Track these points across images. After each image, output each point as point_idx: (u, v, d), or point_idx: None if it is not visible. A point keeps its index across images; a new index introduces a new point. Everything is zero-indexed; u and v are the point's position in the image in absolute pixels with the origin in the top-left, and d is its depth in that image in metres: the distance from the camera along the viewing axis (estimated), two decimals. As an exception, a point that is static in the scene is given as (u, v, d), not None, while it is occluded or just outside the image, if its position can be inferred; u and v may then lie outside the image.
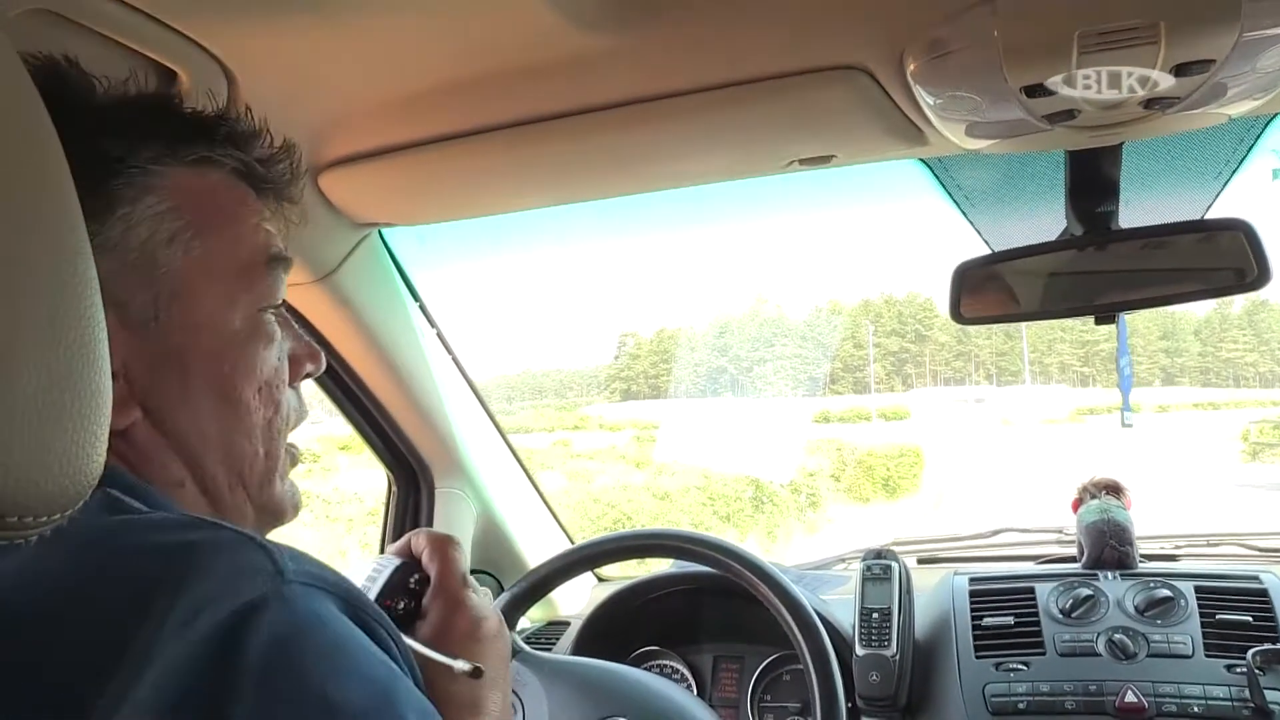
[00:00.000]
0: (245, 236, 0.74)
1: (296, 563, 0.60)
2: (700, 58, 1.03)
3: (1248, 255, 1.18)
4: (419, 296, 1.62)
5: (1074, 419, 38.75)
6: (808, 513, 13.39)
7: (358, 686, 0.58)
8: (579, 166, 1.25)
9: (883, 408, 41.08)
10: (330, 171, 1.23)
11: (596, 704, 1.32)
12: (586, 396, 58.76)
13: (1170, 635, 1.40)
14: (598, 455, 17.62)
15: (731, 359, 53.03)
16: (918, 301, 65.81)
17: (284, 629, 0.56)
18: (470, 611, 0.90)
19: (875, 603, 1.52)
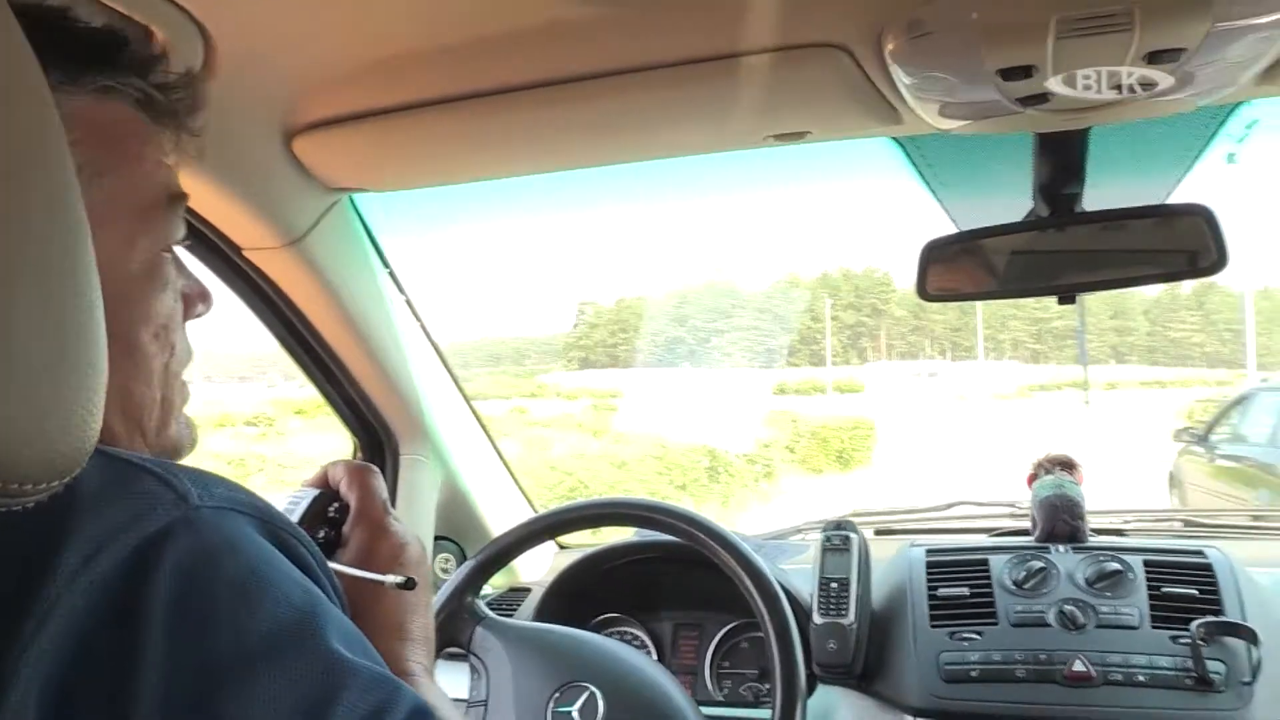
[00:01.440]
0: (147, 175, 0.70)
1: (203, 486, 0.57)
2: (680, 31, 1.03)
3: (1207, 240, 1.21)
4: (388, 263, 1.61)
5: (1024, 395, 39.35)
6: (762, 483, 13.54)
7: (275, 613, 0.55)
8: (556, 135, 1.25)
9: (838, 380, 41.40)
10: (305, 135, 1.22)
11: (560, 670, 1.33)
12: (544, 364, 58.58)
13: (1118, 607, 1.44)
14: (554, 423, 17.63)
15: (689, 329, 53.13)
16: (875, 276, 66.26)
17: (191, 559, 0.53)
18: (393, 536, 0.90)
19: (834, 572, 1.55)
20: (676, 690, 1.33)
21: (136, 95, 0.70)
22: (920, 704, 1.41)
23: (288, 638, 0.55)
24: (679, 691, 1.33)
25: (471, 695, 1.40)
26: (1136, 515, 2.03)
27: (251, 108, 1.17)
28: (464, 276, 54.79)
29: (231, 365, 21.78)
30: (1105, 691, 1.34)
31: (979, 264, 1.38)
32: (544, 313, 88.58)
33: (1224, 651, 1.35)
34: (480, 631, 1.41)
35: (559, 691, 1.30)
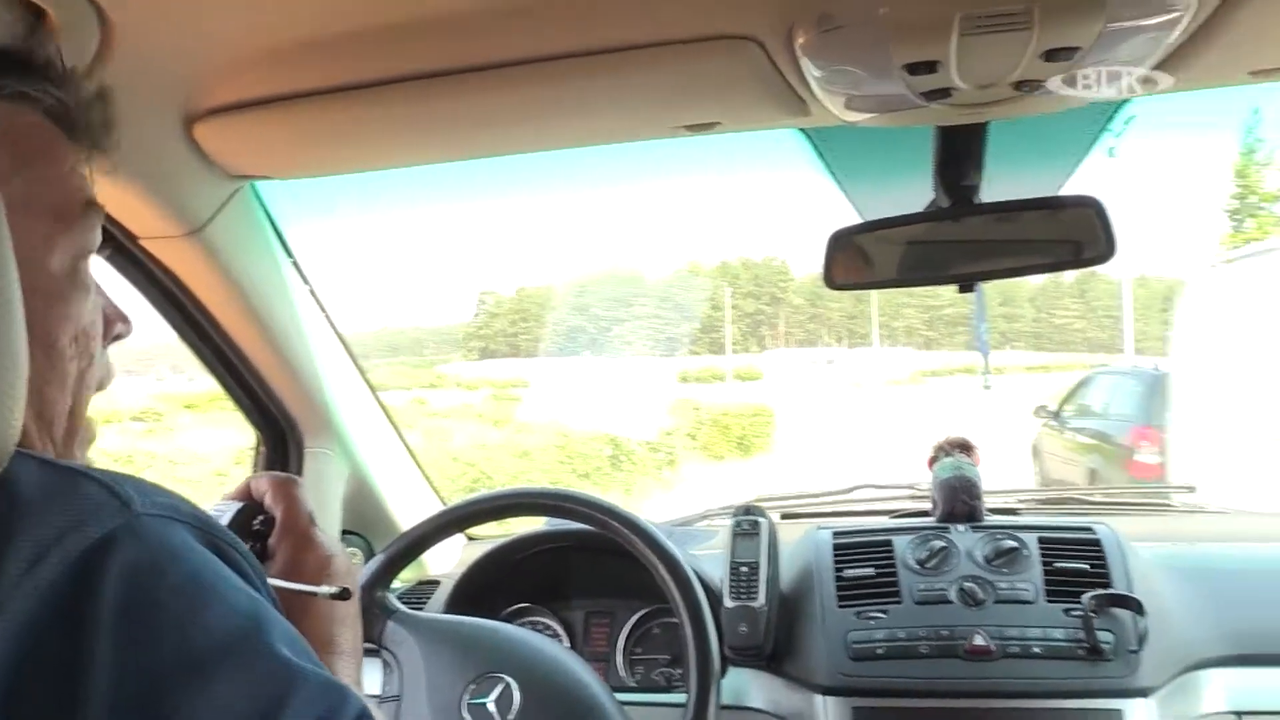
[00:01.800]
0: (62, 178, 0.70)
1: (144, 494, 0.57)
2: (594, 20, 1.03)
3: (1097, 230, 1.27)
4: (292, 252, 1.57)
5: (918, 380, 40.41)
6: (665, 470, 13.62)
7: (222, 619, 0.56)
8: (465, 124, 1.24)
9: (738, 368, 41.89)
10: (207, 120, 1.18)
11: (475, 661, 1.33)
12: (443, 354, 57.85)
13: (1015, 583, 1.50)
14: (455, 414, 17.43)
15: (590, 318, 53.08)
16: (774, 265, 67.20)
17: (137, 567, 0.53)
18: (320, 548, 0.90)
19: (744, 557, 1.57)
20: (592, 678, 1.34)
21: (50, 105, 0.69)
22: (829, 682, 1.45)
23: (236, 644, 0.55)
24: (594, 679, 1.34)
25: (384, 690, 1.39)
26: (1028, 494, 2.12)
27: (150, 92, 1.13)
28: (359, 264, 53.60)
29: (118, 359, 20.89)
30: (1004, 664, 1.40)
31: (883, 253, 1.42)
32: (443, 302, 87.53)
33: (1113, 622, 1.42)
34: (392, 625, 1.39)
35: (474, 683, 1.30)
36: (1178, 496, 2.10)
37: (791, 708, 1.49)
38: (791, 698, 1.49)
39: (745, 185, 64.71)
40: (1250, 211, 18.75)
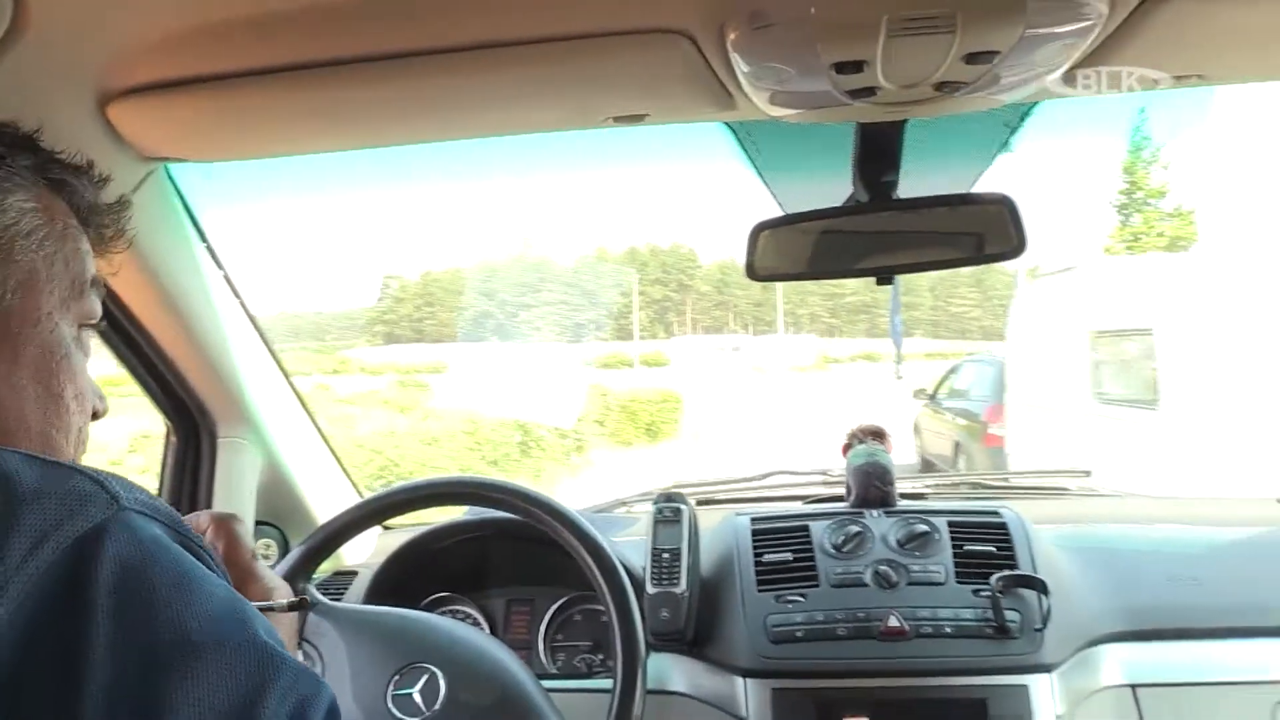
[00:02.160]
0: (80, 254, 0.79)
1: (128, 490, 0.62)
2: (526, 10, 1.03)
3: (1009, 226, 1.32)
4: (206, 237, 1.53)
5: (821, 367, 41.19)
6: (573, 456, 13.62)
7: (209, 605, 0.60)
8: (393, 111, 1.22)
9: (645, 354, 42.10)
10: (122, 101, 1.14)
11: (398, 652, 1.32)
12: (347, 339, 56.80)
13: (927, 565, 1.56)
14: (359, 400, 17.13)
15: (498, 304, 52.71)
16: (681, 252, 67.62)
17: (129, 556, 0.58)
18: (262, 580, 0.93)
19: (665, 543, 1.59)
20: (517, 665, 1.34)
21: (79, 202, 0.81)
22: (750, 665, 1.48)
23: (224, 629, 0.59)
24: (520, 666, 1.34)
25: None
26: (935, 479, 2.18)
27: (64, 70, 1.09)
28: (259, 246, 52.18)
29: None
30: (917, 644, 1.45)
31: (804, 246, 1.45)
32: (346, 286, 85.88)
33: (1019, 602, 1.48)
34: (313, 618, 1.37)
35: (399, 674, 1.29)
36: (1074, 481, 2.19)
37: (713, 690, 1.51)
38: (713, 680, 1.52)
39: (655, 173, 64.93)
40: (1137, 207, 19.60)
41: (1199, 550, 1.76)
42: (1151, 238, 18.98)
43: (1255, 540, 1.80)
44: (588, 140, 1.48)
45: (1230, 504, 2.23)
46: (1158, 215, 19.16)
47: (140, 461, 6.96)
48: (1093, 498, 2.16)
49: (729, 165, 1.55)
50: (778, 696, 1.45)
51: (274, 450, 1.81)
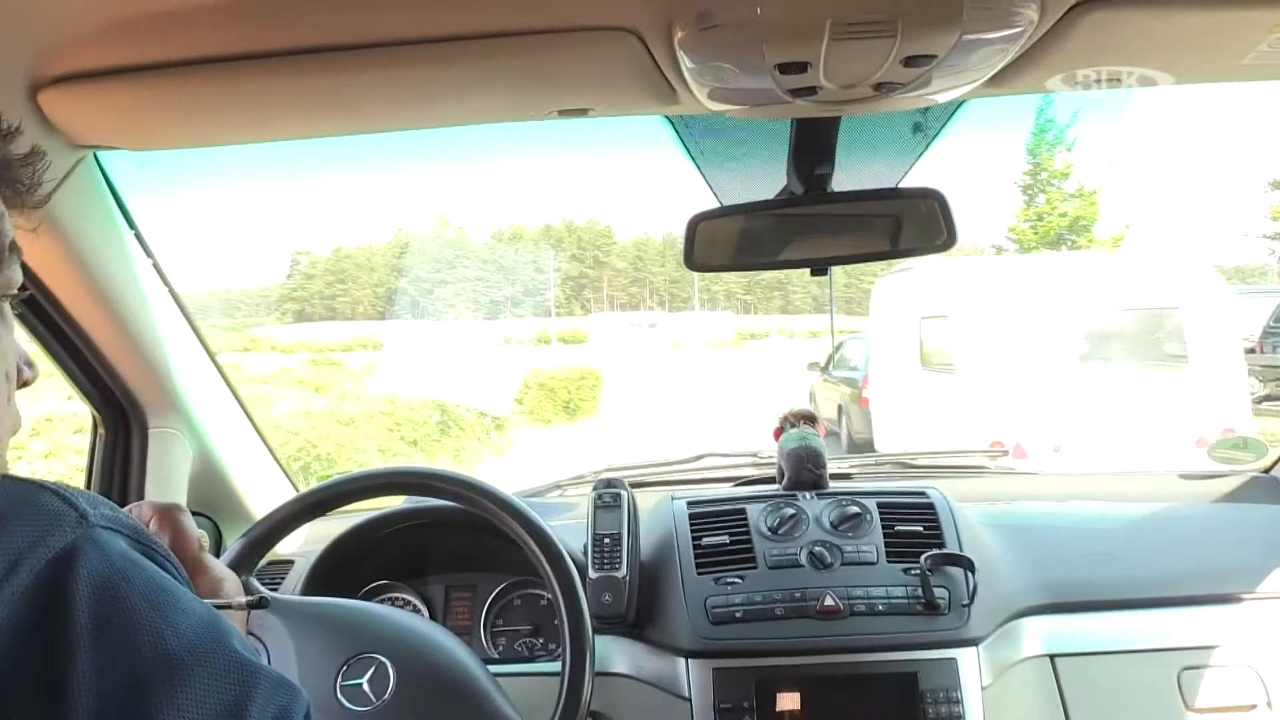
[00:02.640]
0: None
1: (94, 505, 0.61)
2: (480, 4, 1.03)
3: (940, 220, 1.37)
4: (135, 225, 1.50)
5: (737, 343, 41.59)
6: (493, 435, 13.57)
7: (187, 623, 0.60)
8: (336, 102, 1.21)
9: (562, 331, 42.00)
10: (54, 88, 1.12)
11: (346, 642, 1.32)
12: (256, 317, 55.45)
13: (859, 546, 1.61)
14: (272, 379, 16.77)
15: (412, 280, 51.97)
16: (597, 228, 67.45)
17: (104, 575, 0.57)
18: (210, 571, 0.92)
19: (606, 529, 1.62)
20: (464, 652, 1.36)
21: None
22: (691, 646, 1.52)
23: (203, 644, 0.60)
24: (467, 653, 1.36)
25: None
26: (860, 459, 2.25)
27: None
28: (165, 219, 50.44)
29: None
30: (851, 622, 1.51)
31: (741, 237, 1.49)
32: (255, 262, 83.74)
33: (947, 579, 1.55)
34: (257, 611, 1.36)
35: (347, 665, 1.29)
36: (991, 460, 2.28)
37: (655, 671, 1.55)
38: (655, 662, 1.56)
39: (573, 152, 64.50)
40: (1041, 188, 20.16)
41: (1111, 526, 1.85)
42: (1055, 218, 19.58)
43: (1161, 515, 1.91)
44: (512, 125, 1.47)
45: (1136, 479, 2.34)
46: (1061, 196, 19.76)
47: (43, 446, 6.72)
48: (1010, 475, 2.26)
49: (658, 153, 1.57)
50: (719, 675, 1.50)
51: (206, 440, 1.78)
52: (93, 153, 1.36)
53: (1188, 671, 1.57)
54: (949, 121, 1.43)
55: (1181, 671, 1.57)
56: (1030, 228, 20.08)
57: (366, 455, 9.98)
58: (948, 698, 1.46)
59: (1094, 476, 2.52)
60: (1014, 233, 20.72)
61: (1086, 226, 19.63)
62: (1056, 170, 20.02)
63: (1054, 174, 20.06)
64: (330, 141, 1.41)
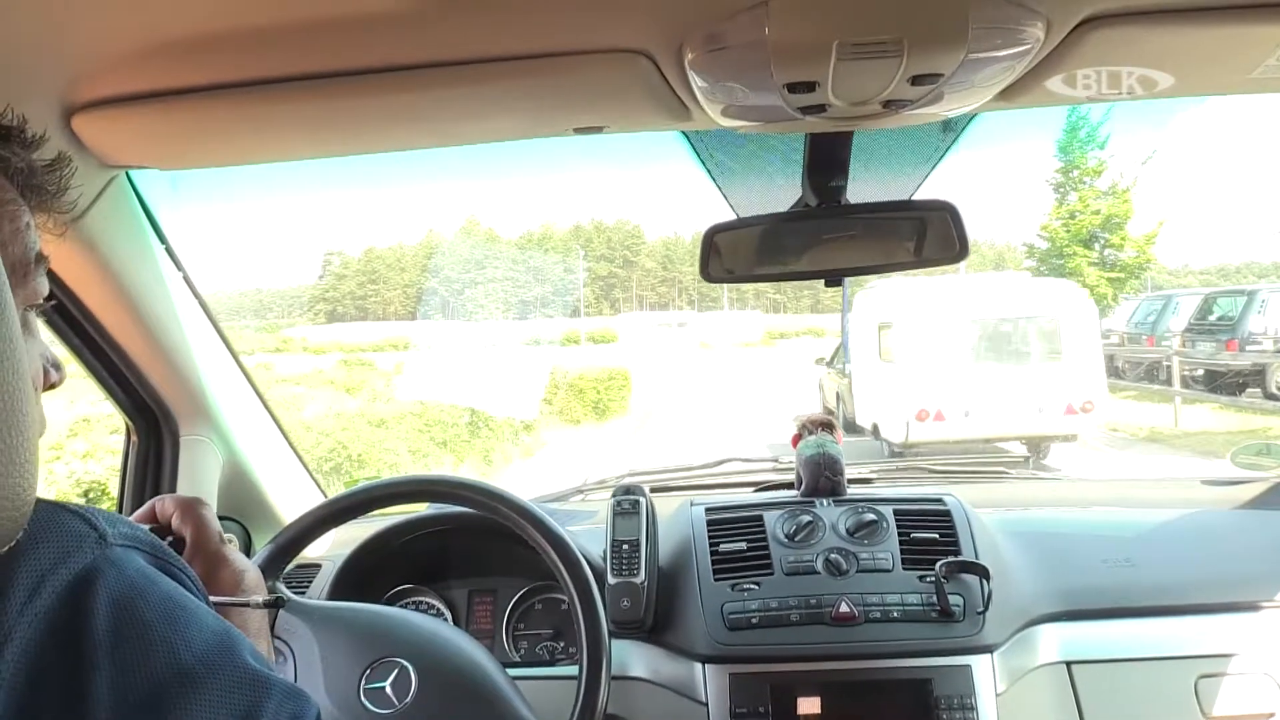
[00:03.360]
0: (20, 234, 0.73)
1: (112, 524, 0.63)
2: (496, 29, 1.06)
3: (952, 232, 1.39)
4: (165, 239, 1.54)
5: (766, 343, 41.51)
6: (522, 436, 13.62)
7: (200, 636, 0.62)
8: (361, 123, 1.25)
9: (592, 331, 42.09)
10: (87, 112, 1.16)
11: (369, 647, 1.36)
12: (288, 318, 55.98)
13: (875, 553, 1.63)
14: (304, 380, 16.95)
15: (442, 280, 52.25)
16: (626, 228, 67.52)
17: (121, 593, 0.59)
18: (232, 564, 0.95)
19: (624, 535, 1.65)
20: (485, 656, 1.39)
21: (10, 167, 0.74)
22: (708, 651, 1.54)
23: (215, 656, 0.62)
24: (487, 657, 1.39)
25: None
26: (881, 464, 2.26)
27: (29, 82, 1.10)
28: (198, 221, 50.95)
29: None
30: (866, 628, 1.52)
31: (756, 248, 1.51)
32: (287, 263, 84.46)
33: (962, 586, 1.56)
34: (284, 615, 1.40)
35: (370, 669, 1.33)
36: (1013, 464, 2.29)
37: (672, 676, 1.57)
38: (672, 667, 1.58)
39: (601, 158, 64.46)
40: (1073, 185, 19.96)
41: (1131, 533, 1.85)
42: (1088, 215, 19.40)
43: (1182, 522, 1.90)
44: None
45: (1160, 486, 2.34)
46: (1094, 194, 19.58)
47: (82, 446, 6.83)
48: (1031, 480, 2.26)
49: (681, 165, 1.59)
50: (735, 681, 1.52)
51: (235, 447, 1.82)
52: (124, 172, 1.40)
53: (1205, 679, 1.57)
54: (961, 134, 1.44)
55: (1199, 679, 1.57)
56: (1062, 225, 19.91)
57: (397, 456, 10.06)
58: (962, 704, 1.47)
59: (1117, 483, 2.51)
60: (1046, 230, 20.54)
61: (1120, 224, 19.44)
62: (1089, 168, 19.84)
63: (1086, 171, 19.87)
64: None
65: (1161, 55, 1.14)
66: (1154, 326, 17.79)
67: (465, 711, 1.33)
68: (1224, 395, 14.21)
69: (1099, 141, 19.64)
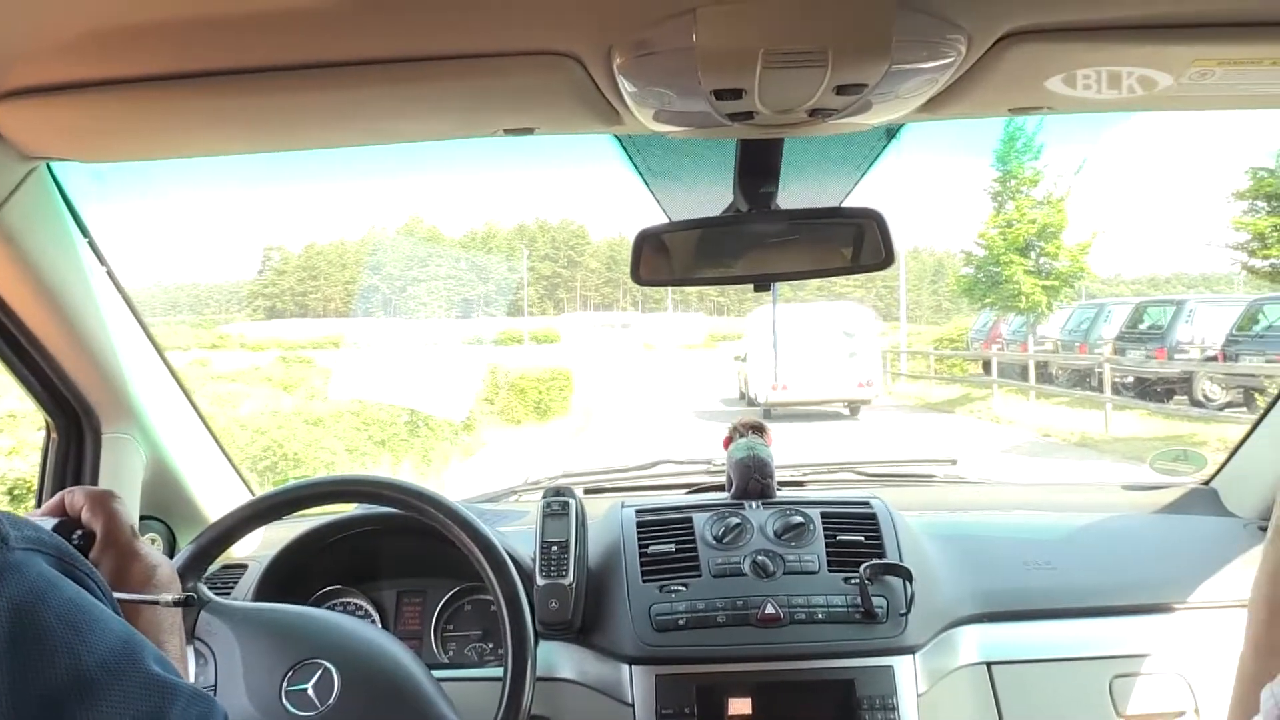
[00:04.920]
0: None
1: (16, 527, 0.62)
2: (425, 29, 1.05)
3: (878, 240, 1.41)
4: (89, 232, 1.51)
5: (709, 345, 41.71)
6: (462, 436, 13.51)
7: (103, 641, 0.61)
8: (288, 120, 1.24)
9: (535, 331, 41.94)
10: (6, 102, 1.13)
11: (291, 648, 1.34)
12: (226, 314, 55.02)
13: (801, 555, 1.65)
14: (240, 377, 16.65)
15: (384, 278, 51.72)
16: (571, 228, 67.42)
17: (21, 598, 0.58)
18: (144, 559, 0.93)
19: (554, 536, 1.65)
20: (409, 657, 1.38)
21: None
22: (635, 652, 1.55)
23: (116, 663, 0.61)
24: (411, 659, 1.38)
25: (198, 683, 1.38)
26: (812, 467, 2.29)
27: None
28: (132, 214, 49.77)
29: None
30: (791, 630, 1.54)
31: (687, 252, 1.52)
32: (226, 257, 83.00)
33: (885, 588, 1.59)
34: (205, 616, 1.38)
35: (292, 670, 1.31)
36: (940, 469, 2.32)
37: (599, 677, 1.58)
38: (600, 668, 1.59)
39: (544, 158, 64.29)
40: (1010, 195, 20.36)
41: (1052, 536, 1.90)
42: (1024, 224, 19.76)
43: (1102, 526, 1.95)
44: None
45: (1081, 490, 2.40)
46: (1030, 203, 19.96)
47: (7, 442, 6.64)
48: (957, 485, 2.30)
49: (615, 168, 1.60)
50: (661, 682, 1.53)
51: (160, 445, 1.79)
52: (45, 163, 1.37)
53: (1120, 679, 1.61)
54: (890, 144, 1.47)
55: (1114, 679, 1.61)
56: (999, 234, 20.26)
57: (334, 455, 9.92)
58: (884, 704, 1.50)
59: (1039, 487, 2.57)
60: (984, 239, 20.89)
61: (1055, 233, 19.82)
62: (1025, 178, 20.22)
63: (1022, 181, 20.25)
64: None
65: (1079, 71, 1.17)
66: (1087, 334, 18.71)
67: (388, 713, 1.32)
68: (1153, 402, 14.75)
69: (1035, 151, 20.01)
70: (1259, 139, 44.90)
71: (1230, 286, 31.31)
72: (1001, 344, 21.70)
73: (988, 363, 19.58)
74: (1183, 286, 54.26)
